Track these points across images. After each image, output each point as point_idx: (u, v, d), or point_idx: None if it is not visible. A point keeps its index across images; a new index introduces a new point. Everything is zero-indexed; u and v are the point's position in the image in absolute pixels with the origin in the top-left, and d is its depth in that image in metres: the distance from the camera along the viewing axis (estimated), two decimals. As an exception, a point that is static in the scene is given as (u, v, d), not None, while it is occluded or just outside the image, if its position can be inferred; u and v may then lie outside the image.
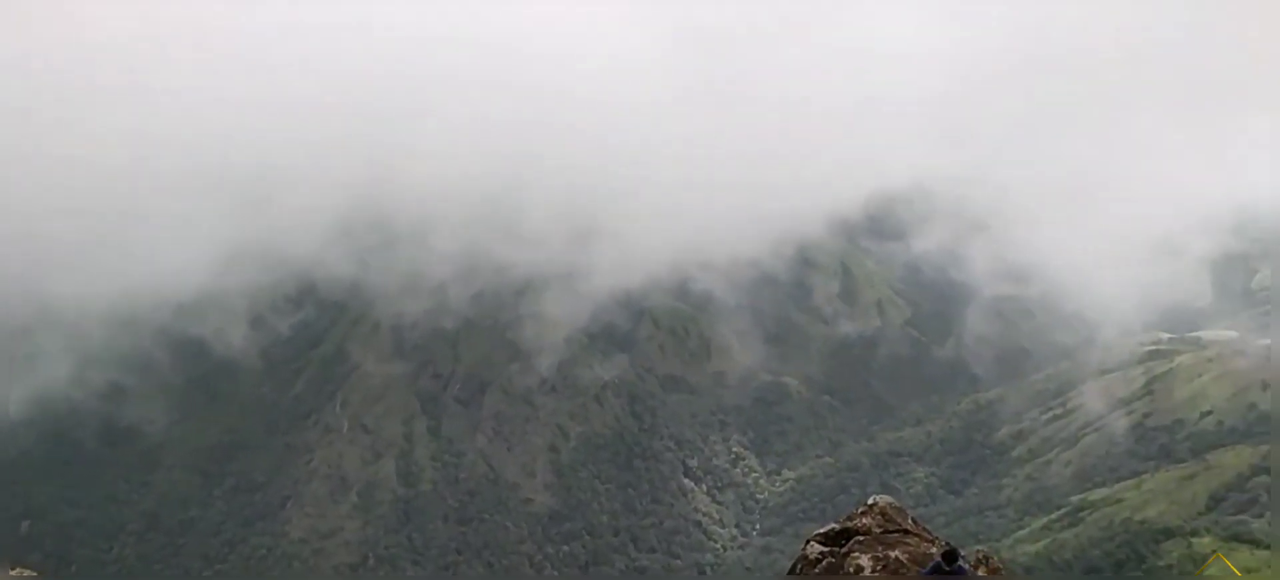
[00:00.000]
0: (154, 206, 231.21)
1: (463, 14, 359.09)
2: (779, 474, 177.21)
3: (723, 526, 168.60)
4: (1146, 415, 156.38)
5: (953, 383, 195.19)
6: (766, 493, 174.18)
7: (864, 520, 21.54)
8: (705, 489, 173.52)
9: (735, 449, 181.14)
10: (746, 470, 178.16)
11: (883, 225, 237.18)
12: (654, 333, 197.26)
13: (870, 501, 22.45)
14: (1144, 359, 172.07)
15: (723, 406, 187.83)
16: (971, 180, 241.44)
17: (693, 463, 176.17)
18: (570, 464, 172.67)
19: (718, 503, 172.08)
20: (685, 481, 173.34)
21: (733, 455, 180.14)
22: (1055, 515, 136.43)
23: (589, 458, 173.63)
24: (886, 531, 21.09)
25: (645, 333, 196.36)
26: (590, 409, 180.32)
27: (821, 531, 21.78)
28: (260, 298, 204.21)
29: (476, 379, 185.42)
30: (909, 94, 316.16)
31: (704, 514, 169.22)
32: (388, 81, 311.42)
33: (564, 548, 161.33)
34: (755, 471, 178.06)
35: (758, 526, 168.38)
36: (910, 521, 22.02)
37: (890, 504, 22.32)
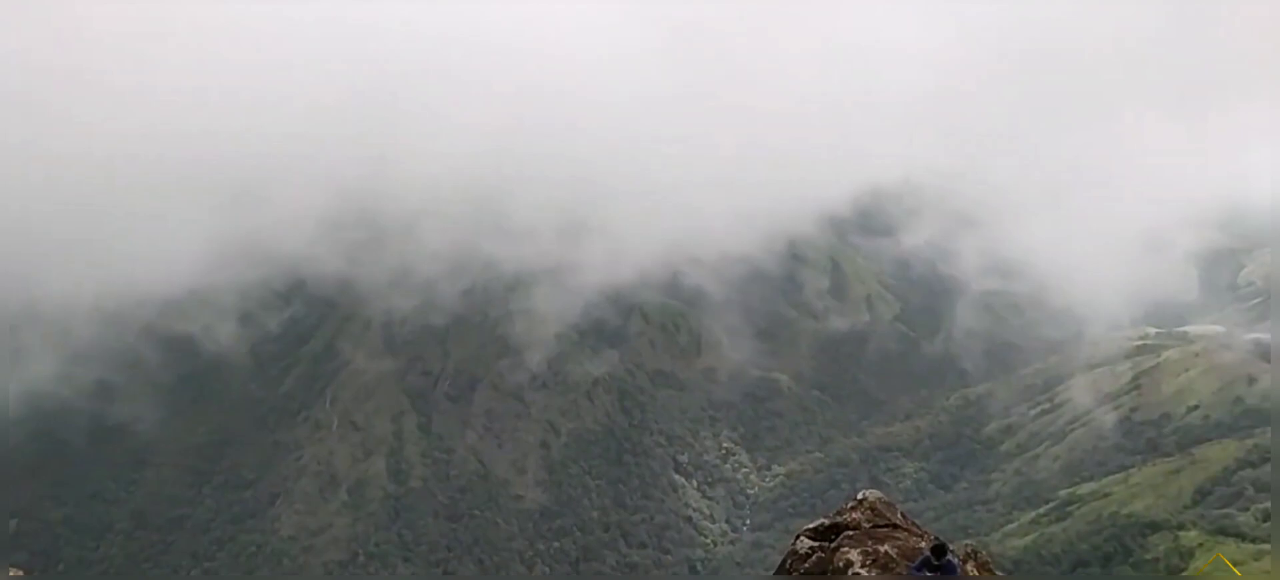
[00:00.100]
0: (141, 203, 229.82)
1: (453, 12, 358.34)
2: (769, 469, 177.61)
3: (713, 522, 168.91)
4: (1134, 410, 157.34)
5: (942, 378, 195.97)
6: (757, 488, 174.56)
7: (854, 515, 21.59)
8: (696, 484, 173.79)
9: (726, 444, 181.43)
10: (737, 466, 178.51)
11: (872, 221, 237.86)
12: (644, 328, 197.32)
13: (860, 496, 22.47)
14: (1131, 354, 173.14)
15: (713, 402, 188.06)
16: (960, 176, 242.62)
17: (683, 458, 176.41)
18: (561, 460, 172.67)
19: (708, 498, 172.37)
20: (676, 477, 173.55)
21: (723, 451, 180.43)
22: (1043, 509, 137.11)
23: (580, 454, 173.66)
24: (876, 526, 21.14)
25: (635, 328, 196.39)
26: (581, 405, 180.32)
27: (811, 527, 21.80)
28: (249, 294, 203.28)
29: (467, 375, 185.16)
30: (898, 90, 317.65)
31: (695, 510, 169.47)
32: (377, 78, 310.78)
33: (555, 544, 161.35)
34: (745, 467, 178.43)
35: (748, 522, 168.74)
36: (900, 516, 22.07)
37: (880, 499, 22.36)
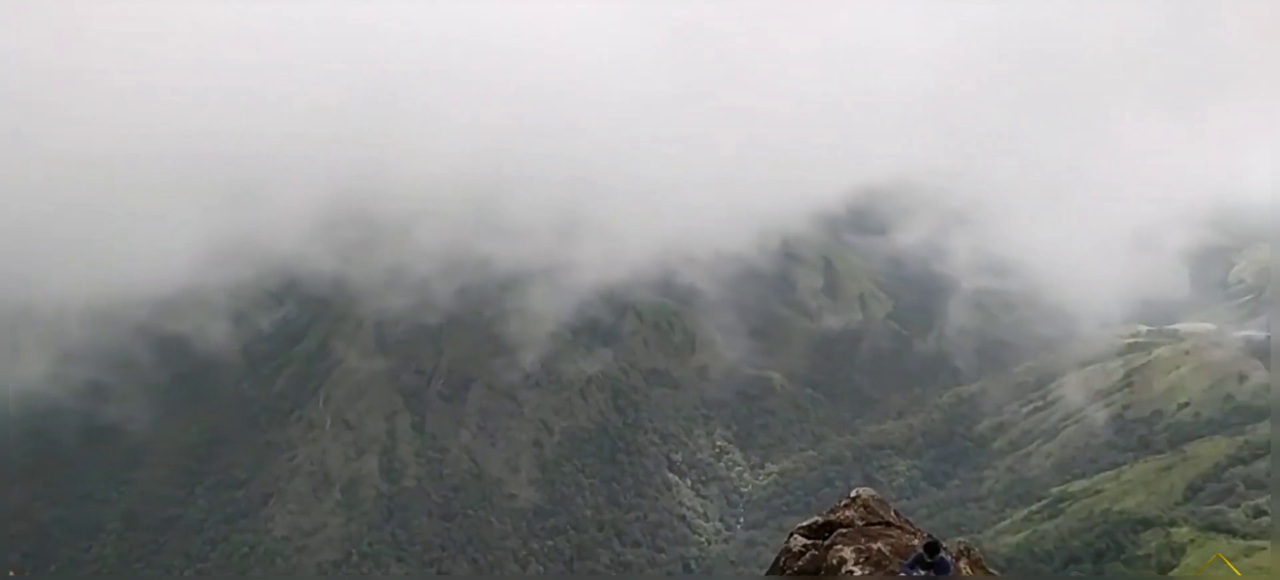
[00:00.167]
0: (134, 202, 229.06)
1: (446, 12, 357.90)
2: (762, 468, 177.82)
3: (707, 520, 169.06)
4: (1125, 407, 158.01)
5: (934, 376, 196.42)
6: (750, 486, 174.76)
7: (847, 513, 21.66)
8: (689, 483, 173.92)
9: (719, 443, 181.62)
10: (730, 464, 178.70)
11: (865, 219, 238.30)
12: (638, 327, 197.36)
13: (853, 494, 22.52)
14: (1123, 351, 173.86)
15: (707, 400, 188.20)
16: (953, 175, 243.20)
17: (677, 457, 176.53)
18: (554, 459, 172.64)
19: (702, 497, 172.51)
20: (669, 476, 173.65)
21: (717, 449, 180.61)
22: (1036, 507, 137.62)
23: (573, 452, 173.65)
24: (869, 524, 21.22)
25: (629, 327, 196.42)
26: (574, 404, 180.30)
27: (805, 525, 21.85)
28: (242, 294, 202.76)
29: (460, 374, 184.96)
30: (890, 89, 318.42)
31: (688, 508, 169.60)
32: (370, 78, 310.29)
33: (548, 543, 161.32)
34: (739, 465, 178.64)
35: (741, 520, 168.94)
36: (893, 514, 22.14)
37: (873, 497, 22.43)
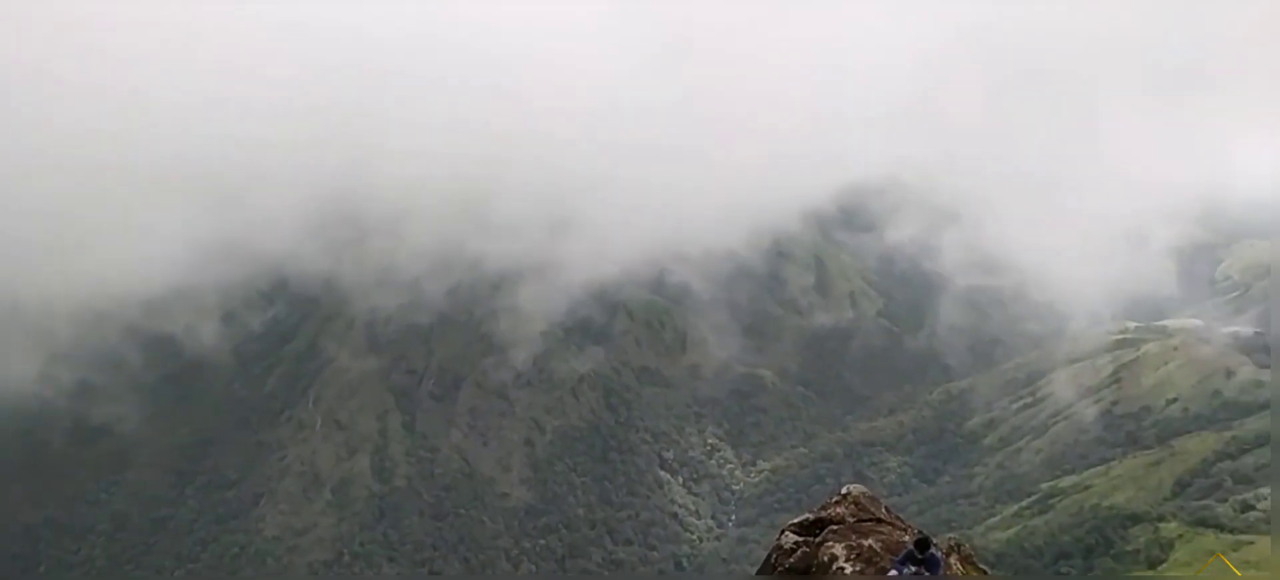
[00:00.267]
0: (123, 202, 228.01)
1: (437, 12, 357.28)
2: (754, 465, 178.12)
3: (699, 518, 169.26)
4: (1114, 403, 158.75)
5: (925, 373, 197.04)
6: (742, 484, 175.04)
7: (838, 510, 21.76)
8: (681, 481, 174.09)
9: (711, 441, 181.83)
10: (722, 462, 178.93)
11: (856, 217, 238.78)
12: (629, 326, 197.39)
13: (844, 491, 22.62)
14: (1112, 347, 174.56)
15: (698, 399, 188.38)
16: (943, 172, 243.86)
17: (669, 455, 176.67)
18: (546, 458, 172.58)
19: (694, 494, 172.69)
20: (661, 474, 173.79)
21: (708, 447, 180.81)
22: (1026, 502, 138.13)
23: (565, 451, 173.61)
24: (860, 521, 21.32)
25: (621, 326, 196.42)
26: (566, 402, 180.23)
27: (796, 522, 21.93)
28: (232, 294, 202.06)
29: (451, 373, 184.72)
30: (880, 88, 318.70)
31: (680, 506, 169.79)
32: (360, 76, 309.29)
33: (541, 542, 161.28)
34: (731, 463, 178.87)
35: (733, 517, 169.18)
36: (883, 510, 22.25)
37: (863, 493, 22.54)
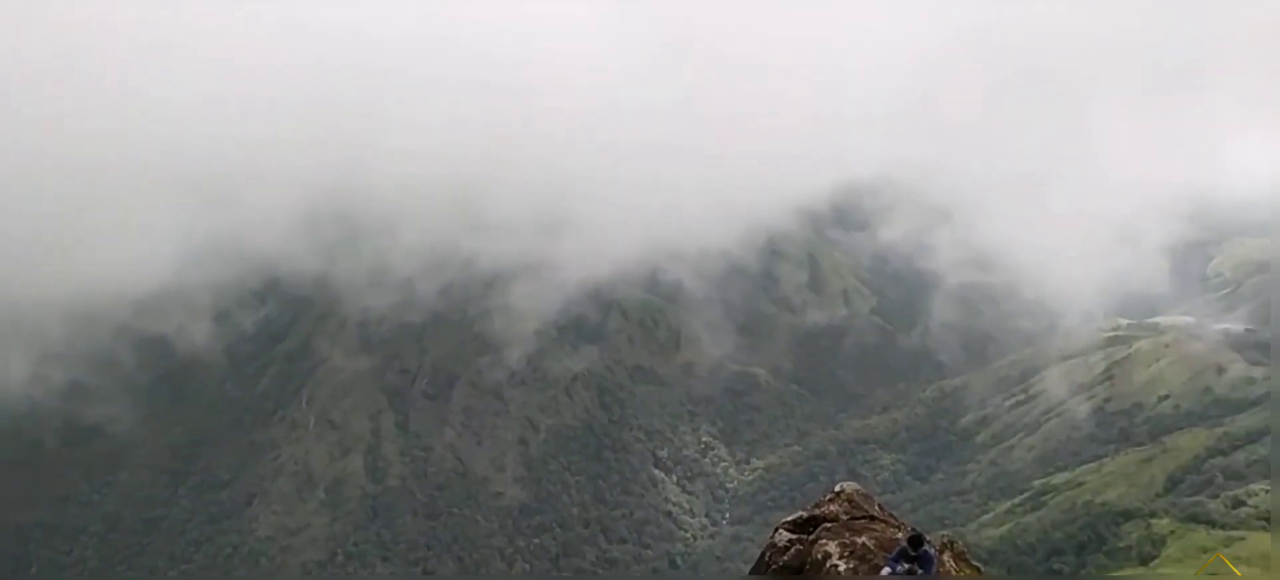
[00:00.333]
0: (115, 201, 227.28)
1: (429, 11, 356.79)
2: (748, 463, 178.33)
3: (693, 516, 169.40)
4: (1107, 400, 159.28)
5: (918, 370, 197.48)
6: (736, 482, 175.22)
7: (831, 507, 21.76)
8: (675, 479, 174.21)
9: (704, 439, 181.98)
10: (716, 460, 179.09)
11: (849, 216, 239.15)
12: (623, 324, 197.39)
13: (837, 489, 22.61)
14: (1104, 345, 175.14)
15: (692, 397, 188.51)
16: (936, 170, 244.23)
17: (663, 453, 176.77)
18: (540, 456, 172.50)
19: (688, 493, 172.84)
20: (655, 472, 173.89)
21: (702, 445, 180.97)
22: (1018, 500, 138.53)
23: (559, 450, 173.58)
24: (853, 518, 21.34)
25: (614, 324, 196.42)
26: (560, 401, 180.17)
27: (790, 519, 21.93)
28: (224, 293, 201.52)
29: (444, 373, 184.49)
30: (873, 86, 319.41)
31: (674, 504, 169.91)
32: (352, 75, 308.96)
33: (535, 540, 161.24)
34: (724, 461, 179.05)
35: (727, 516, 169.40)
36: (877, 508, 22.27)
37: (857, 491, 22.55)
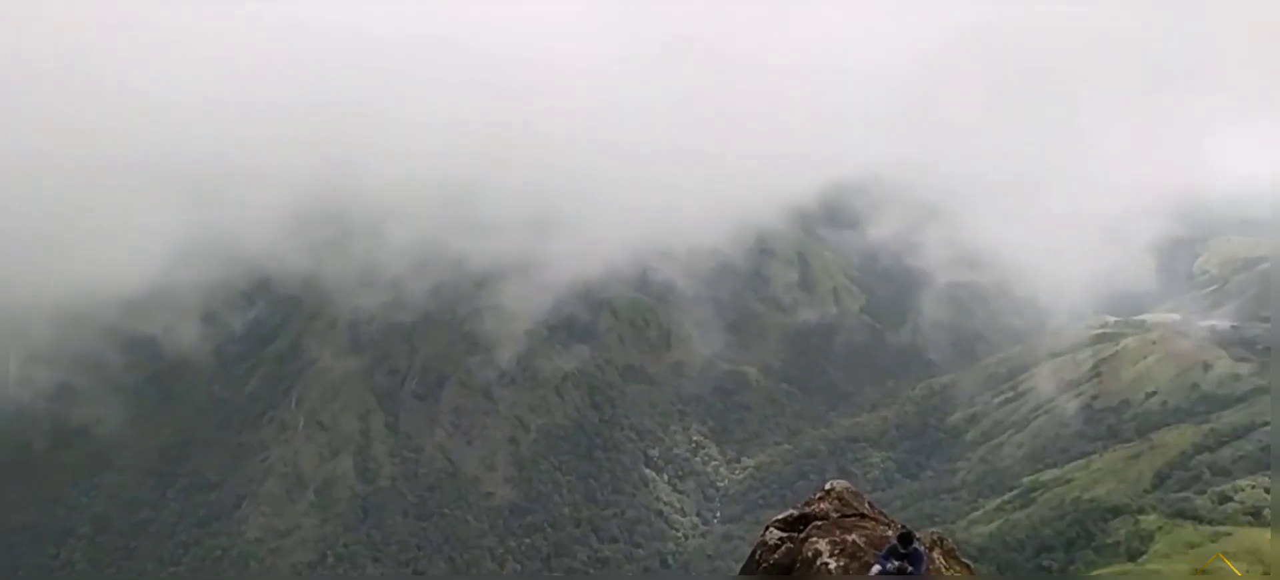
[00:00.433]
0: (103, 201, 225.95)
1: (419, 10, 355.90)
2: (739, 462, 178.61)
3: (684, 515, 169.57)
4: (1095, 397, 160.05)
5: (908, 368, 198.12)
6: (726, 481, 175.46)
7: (822, 506, 21.83)
8: (666, 478, 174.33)
9: (695, 438, 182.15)
10: (707, 459, 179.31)
11: (838, 214, 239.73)
12: (614, 323, 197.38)
13: (827, 487, 22.67)
14: (1092, 342, 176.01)
15: (682, 396, 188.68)
16: (924, 169, 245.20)
17: (653, 452, 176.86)
18: (531, 456, 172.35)
19: (679, 492, 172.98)
20: (646, 471, 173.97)
21: (693, 444, 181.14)
22: (1008, 496, 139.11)
23: (549, 450, 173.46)
24: (844, 516, 21.42)
25: (605, 324, 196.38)
26: (550, 401, 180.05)
27: (780, 518, 21.98)
28: (213, 294, 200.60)
29: (434, 373, 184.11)
30: (862, 85, 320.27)
31: (665, 503, 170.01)
32: (342, 75, 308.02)
33: (526, 540, 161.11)
34: (715, 460, 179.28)
35: (718, 514, 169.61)
36: (867, 505, 22.35)
37: (847, 489, 22.62)
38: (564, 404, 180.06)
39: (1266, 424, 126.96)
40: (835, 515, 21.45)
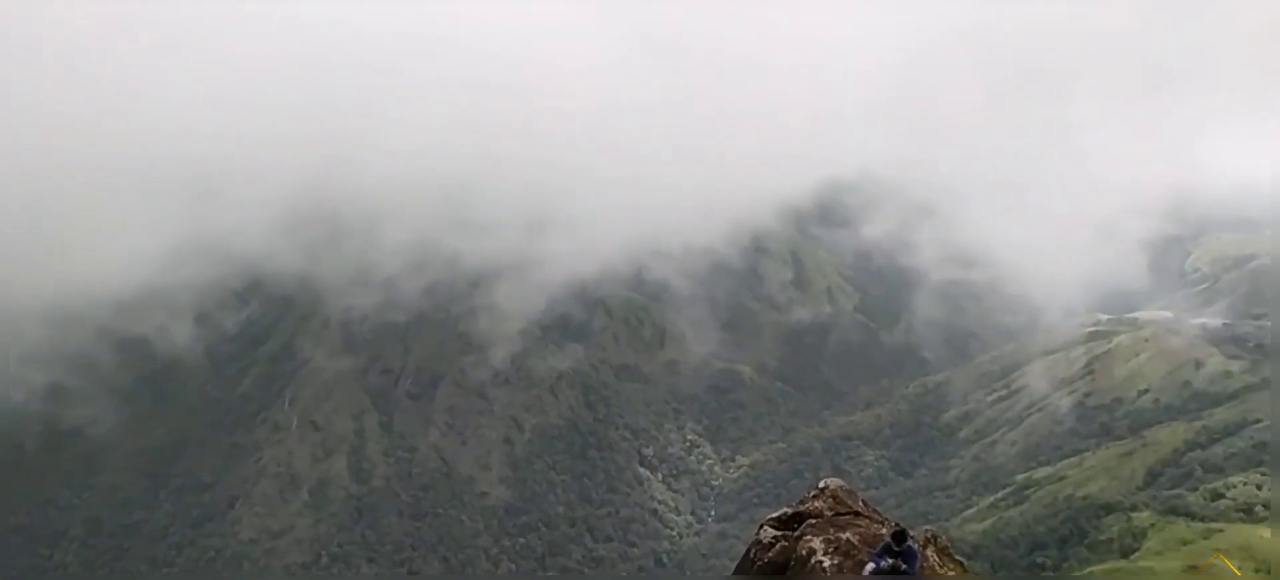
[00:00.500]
0: (95, 202, 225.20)
1: (412, 8, 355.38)
2: (733, 460, 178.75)
3: (678, 514, 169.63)
4: (1087, 395, 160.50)
5: (902, 367, 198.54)
6: (721, 479, 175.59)
7: (816, 504, 21.89)
8: (661, 477, 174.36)
9: (690, 437, 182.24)
10: (701, 457, 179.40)
11: (832, 213, 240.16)
12: (608, 323, 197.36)
13: (822, 485, 22.73)
14: (1085, 340, 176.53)
15: (677, 395, 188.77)
16: (918, 168, 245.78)
17: (648, 451, 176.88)
18: (525, 456, 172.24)
19: (673, 491, 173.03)
20: (641, 470, 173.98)
21: (687, 443, 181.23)
22: (1001, 494, 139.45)
23: (544, 449, 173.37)
24: (838, 514, 21.48)
25: (599, 323, 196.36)
26: (545, 400, 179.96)
27: (775, 516, 22.03)
28: (206, 294, 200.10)
29: (428, 372, 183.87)
30: (855, 85, 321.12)
31: (660, 502, 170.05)
32: (335, 73, 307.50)
33: (520, 540, 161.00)
34: (710, 458, 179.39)
35: (713, 513, 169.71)
36: (861, 503, 22.42)
37: (841, 487, 22.69)
38: (558, 403, 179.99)
39: (1258, 421, 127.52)
40: (829, 513, 21.51)
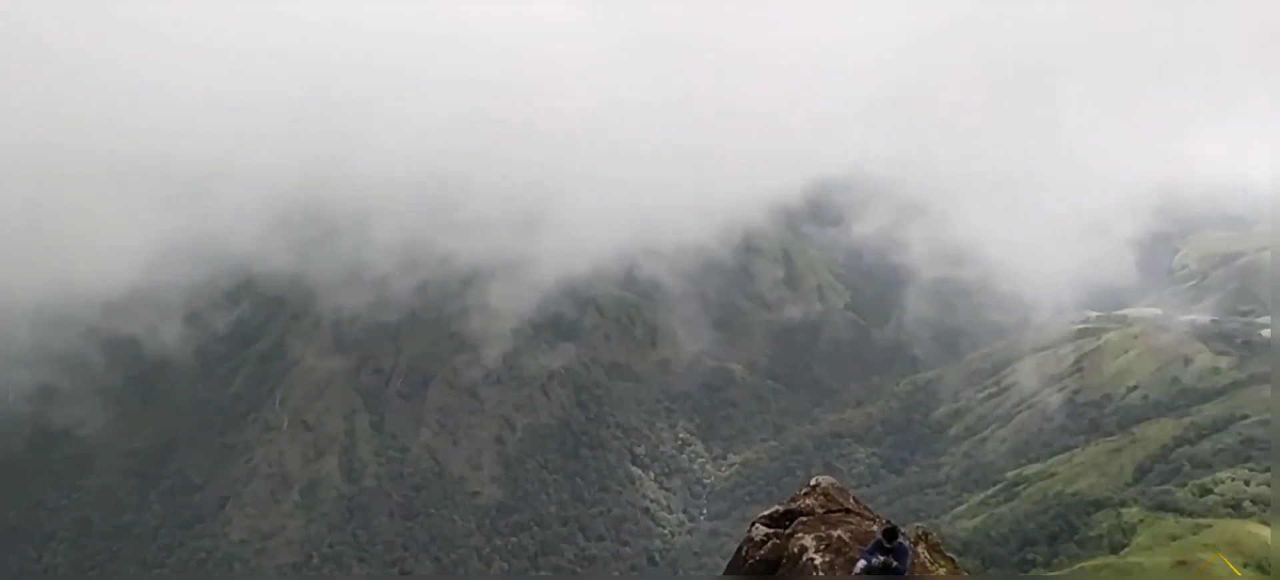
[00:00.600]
0: (84, 199, 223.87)
1: (407, 8, 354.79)
2: (725, 458, 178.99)
3: (670, 512, 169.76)
4: (1077, 391, 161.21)
5: (892, 364, 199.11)
6: (713, 477, 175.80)
7: (807, 501, 21.98)
8: (653, 476, 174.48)
9: (682, 435, 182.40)
10: (693, 456, 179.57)
11: (823, 212, 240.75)
12: (600, 322, 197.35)
13: (813, 482, 22.80)
14: (1074, 337, 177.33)
15: (669, 393, 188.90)
16: (908, 166, 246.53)
17: (640, 450, 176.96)
18: (517, 455, 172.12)
19: (665, 489, 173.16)
20: (632, 469, 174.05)
21: (679, 441, 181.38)
22: (992, 491, 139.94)
23: (536, 448, 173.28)
24: (829, 511, 21.57)
25: (591, 322, 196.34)
26: (536, 399, 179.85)
27: (766, 514, 22.11)
28: (196, 294, 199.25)
29: (420, 372, 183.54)
30: (847, 84, 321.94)
31: (652, 501, 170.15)
32: (327, 72, 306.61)
33: (512, 539, 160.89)
34: (702, 457, 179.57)
35: (705, 511, 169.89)
36: (852, 501, 22.50)
37: (832, 484, 22.77)
38: (550, 402, 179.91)
39: (1246, 417, 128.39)
40: (821, 511, 21.59)
